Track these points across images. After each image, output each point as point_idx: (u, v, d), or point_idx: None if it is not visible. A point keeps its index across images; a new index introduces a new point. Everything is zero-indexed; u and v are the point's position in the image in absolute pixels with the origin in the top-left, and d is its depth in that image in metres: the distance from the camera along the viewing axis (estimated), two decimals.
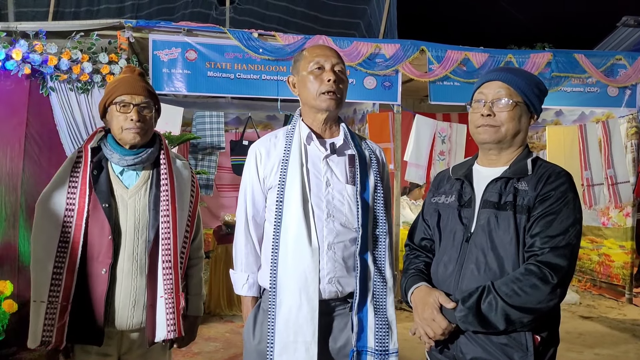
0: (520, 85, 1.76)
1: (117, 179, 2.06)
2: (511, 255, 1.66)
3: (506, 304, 1.58)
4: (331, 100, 1.94)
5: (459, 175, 1.88)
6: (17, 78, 4.54)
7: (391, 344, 1.90)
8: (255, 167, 2.03)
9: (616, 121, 6.53)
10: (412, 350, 4.54)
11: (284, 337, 1.85)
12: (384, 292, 1.91)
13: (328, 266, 1.89)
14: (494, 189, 1.74)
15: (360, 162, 1.96)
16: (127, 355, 2.07)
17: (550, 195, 1.66)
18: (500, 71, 1.82)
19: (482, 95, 1.80)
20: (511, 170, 1.76)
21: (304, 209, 1.89)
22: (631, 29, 9.28)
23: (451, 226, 1.82)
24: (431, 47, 5.85)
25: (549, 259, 1.60)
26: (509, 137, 1.77)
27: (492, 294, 1.60)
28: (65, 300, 1.93)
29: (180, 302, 2.05)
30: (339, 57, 2.00)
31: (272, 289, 1.90)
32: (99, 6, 7.70)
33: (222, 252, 5.73)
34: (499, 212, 1.70)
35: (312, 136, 1.98)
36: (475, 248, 1.72)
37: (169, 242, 2.02)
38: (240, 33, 5.42)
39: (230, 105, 7.31)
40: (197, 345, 4.62)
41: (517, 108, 1.75)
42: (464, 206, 1.81)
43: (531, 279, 1.59)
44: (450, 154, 6.71)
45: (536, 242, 1.64)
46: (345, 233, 1.92)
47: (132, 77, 2.10)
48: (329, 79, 1.93)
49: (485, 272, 1.68)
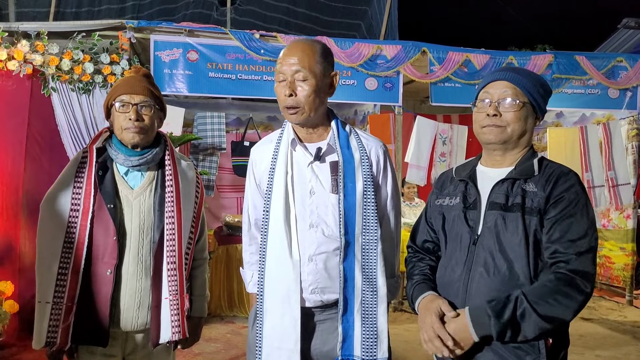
0: (526, 85, 1.74)
1: (122, 179, 2.05)
2: (521, 257, 1.64)
3: (540, 316, 1.54)
4: (292, 115, 1.84)
5: (463, 176, 1.85)
6: (19, 78, 4.54)
7: (379, 353, 1.84)
8: (252, 172, 2.02)
9: (617, 123, 6.53)
10: (413, 352, 4.54)
11: (269, 342, 1.86)
12: (374, 301, 1.85)
13: (310, 278, 1.86)
14: (501, 190, 1.71)
15: (346, 167, 1.87)
16: (132, 356, 2.07)
17: (563, 198, 1.64)
18: (506, 71, 1.79)
19: (488, 95, 1.77)
20: (517, 170, 1.73)
21: (286, 218, 1.86)
22: (632, 30, 9.29)
23: (457, 229, 1.78)
24: (432, 48, 5.85)
25: (578, 267, 1.57)
26: (514, 138, 1.74)
27: (526, 306, 1.55)
28: (70, 301, 1.93)
29: (185, 303, 2.05)
30: (302, 61, 1.81)
31: (259, 296, 1.91)
32: (99, 6, 7.69)
33: (223, 253, 5.72)
34: (507, 213, 1.67)
35: (296, 141, 1.91)
36: (483, 250, 1.69)
37: (174, 243, 2.02)
38: (242, 34, 5.42)
39: (231, 106, 7.30)
40: (198, 346, 4.61)
41: (524, 108, 1.73)
42: (470, 208, 1.77)
43: (566, 289, 1.56)
44: (451, 156, 6.71)
45: (558, 248, 1.60)
46: (328, 243, 1.86)
47: (134, 77, 2.10)
48: (284, 93, 1.82)
49: (494, 274, 1.65)
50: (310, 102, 1.82)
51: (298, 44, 1.87)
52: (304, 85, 1.81)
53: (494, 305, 1.58)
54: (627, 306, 6.43)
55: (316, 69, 1.82)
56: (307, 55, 1.82)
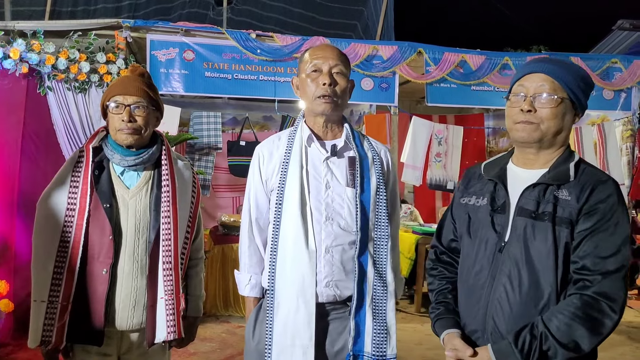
0: (565, 78, 1.60)
1: (118, 179, 2.06)
2: (548, 270, 1.54)
3: (566, 348, 1.47)
4: (326, 104, 1.92)
5: (492, 175, 1.72)
6: (15, 77, 4.54)
7: (389, 350, 1.87)
8: (258, 168, 2.03)
9: (612, 124, 6.56)
10: (408, 352, 4.55)
11: (281, 340, 1.85)
12: (384, 296, 1.89)
13: (325, 270, 1.87)
14: (531, 195, 1.60)
15: (361, 164, 1.94)
16: (127, 355, 2.08)
17: (597, 209, 1.52)
18: (544, 62, 1.64)
19: (523, 89, 1.63)
20: (551, 175, 1.60)
21: (302, 211, 1.88)
22: (627, 32, 9.32)
23: (483, 233, 1.68)
24: (428, 49, 5.86)
25: (605, 289, 1.48)
26: (549, 136, 1.61)
27: (551, 341, 1.47)
28: (66, 300, 1.93)
29: (181, 303, 2.06)
30: (339, 58, 1.95)
31: (270, 291, 1.90)
32: (96, 5, 7.68)
33: (219, 252, 5.72)
34: (536, 222, 1.56)
35: (312, 138, 1.97)
36: (509, 259, 1.59)
37: (170, 243, 2.02)
38: (238, 34, 5.42)
39: (227, 106, 7.30)
40: (193, 345, 4.60)
41: (562, 105, 1.60)
42: (497, 211, 1.66)
43: (592, 314, 1.47)
44: (446, 156, 6.74)
45: (586, 264, 1.50)
46: (344, 236, 1.90)
47: (128, 77, 2.10)
48: (323, 82, 1.90)
49: (519, 290, 1.57)
50: (344, 96, 1.96)
51: (330, 45, 2.04)
52: (340, 79, 1.94)
53: (520, 345, 1.49)
54: None
55: (347, 69, 1.98)
56: (341, 55, 1.98)
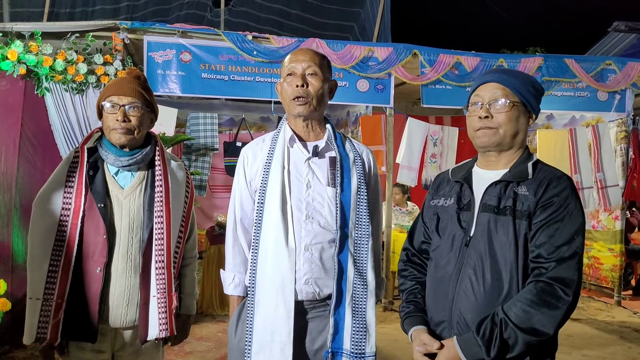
0: (515, 85, 1.74)
1: (112, 179, 2.09)
2: (509, 261, 1.65)
3: (525, 332, 1.56)
4: (300, 106, 1.94)
5: (459, 177, 1.86)
6: (13, 78, 4.57)
7: (368, 347, 1.89)
8: (243, 170, 2.07)
9: (606, 125, 6.61)
10: (401, 351, 4.59)
11: (261, 336, 1.88)
12: (364, 294, 1.91)
13: (305, 267, 1.90)
14: (493, 192, 1.72)
15: (342, 164, 1.97)
16: (121, 352, 2.11)
17: (552, 202, 1.64)
18: (495, 72, 1.80)
19: (479, 98, 1.78)
20: (511, 173, 1.73)
21: (283, 210, 1.91)
22: (622, 34, 9.37)
23: (450, 229, 1.79)
24: (423, 50, 5.91)
25: (559, 274, 1.58)
26: (508, 139, 1.74)
27: (511, 327, 1.56)
28: (60, 298, 1.96)
29: (173, 301, 2.08)
30: (312, 60, 1.97)
31: (251, 289, 1.94)
32: (94, 7, 7.72)
33: (215, 252, 5.76)
34: (498, 216, 1.68)
35: (295, 139, 2.00)
36: (474, 252, 1.70)
37: (162, 242, 2.05)
38: (235, 35, 5.46)
39: (224, 107, 7.34)
40: (190, 344, 4.65)
41: (515, 108, 1.73)
42: (463, 209, 1.79)
43: (546, 299, 1.56)
44: (442, 157, 6.77)
45: (542, 252, 1.61)
46: (324, 234, 1.92)
47: (124, 79, 2.13)
48: (296, 84, 1.93)
49: (482, 277, 1.67)
50: (318, 96, 1.97)
51: (306, 49, 2.09)
52: (314, 80, 1.96)
53: (482, 333, 1.59)
54: (615, 306, 6.51)
55: (323, 70, 1.99)
56: (316, 57, 1.99)
